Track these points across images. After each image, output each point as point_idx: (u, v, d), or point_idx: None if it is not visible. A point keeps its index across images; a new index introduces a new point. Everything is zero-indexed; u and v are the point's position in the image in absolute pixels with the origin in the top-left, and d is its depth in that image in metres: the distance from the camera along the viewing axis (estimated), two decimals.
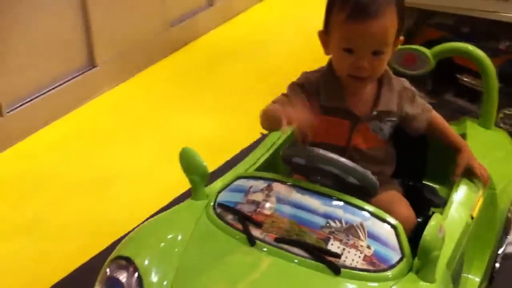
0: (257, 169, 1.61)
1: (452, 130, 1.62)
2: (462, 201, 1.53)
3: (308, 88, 1.49)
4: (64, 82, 2.85)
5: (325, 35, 1.45)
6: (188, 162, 1.47)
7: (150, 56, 3.26)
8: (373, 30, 1.35)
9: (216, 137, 2.69)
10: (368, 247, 1.29)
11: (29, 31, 2.64)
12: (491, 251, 1.68)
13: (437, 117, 1.60)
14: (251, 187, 1.42)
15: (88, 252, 2.03)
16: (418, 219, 1.51)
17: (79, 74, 2.92)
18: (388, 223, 1.32)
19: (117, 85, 3.08)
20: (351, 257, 1.27)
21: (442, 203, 1.63)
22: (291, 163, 1.46)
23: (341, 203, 1.35)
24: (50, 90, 2.79)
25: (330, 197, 1.36)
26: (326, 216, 1.33)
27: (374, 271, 1.26)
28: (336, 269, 1.25)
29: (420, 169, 1.78)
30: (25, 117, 2.68)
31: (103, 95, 3.00)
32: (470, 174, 1.58)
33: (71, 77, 2.88)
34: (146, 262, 1.31)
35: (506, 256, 1.89)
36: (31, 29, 2.65)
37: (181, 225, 1.40)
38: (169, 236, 1.38)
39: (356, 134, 1.48)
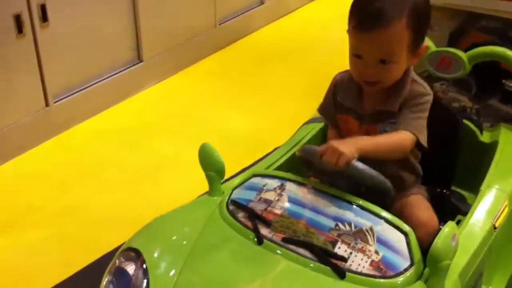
0: (278, 168, 1.61)
1: (385, 138, 1.42)
2: (485, 209, 1.48)
3: (335, 87, 1.55)
4: (111, 76, 2.91)
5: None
6: (206, 158, 1.48)
7: (197, 52, 3.29)
8: (378, 40, 1.36)
9: (256, 133, 2.70)
10: (376, 252, 1.26)
11: (78, 24, 2.71)
12: None
13: (406, 133, 1.41)
14: (265, 185, 1.42)
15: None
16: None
17: (126, 68, 2.97)
18: (399, 229, 1.29)
19: (162, 80, 3.12)
20: (358, 262, 1.25)
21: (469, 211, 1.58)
22: (306, 163, 1.45)
23: (353, 206, 1.33)
24: (96, 82, 2.85)
25: (342, 200, 1.34)
26: (336, 218, 1.31)
27: (381, 277, 1.23)
28: (341, 273, 1.23)
29: (448, 175, 1.73)
30: (71, 107, 2.75)
31: (148, 90, 3.05)
32: None
33: (117, 71, 2.94)
34: (155, 254, 1.33)
35: None
36: (80, 22, 2.72)
37: (194, 220, 1.41)
38: (180, 231, 1.39)
39: (365, 135, 1.46)
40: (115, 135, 2.74)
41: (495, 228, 1.46)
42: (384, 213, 1.31)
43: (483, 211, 1.47)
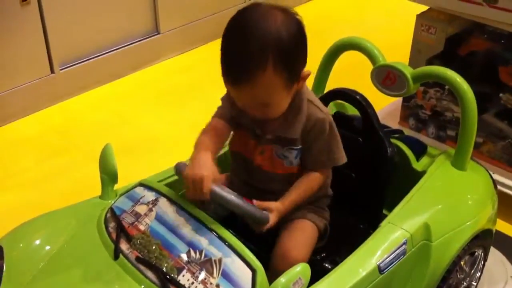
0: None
1: (299, 193, 1.41)
2: (372, 248, 1.37)
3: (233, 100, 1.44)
4: (122, 47, 2.93)
5: None
6: (103, 160, 1.49)
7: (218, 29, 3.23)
8: (247, 92, 1.29)
9: None
10: (218, 286, 1.21)
11: None
12: None
13: (314, 175, 1.42)
14: (142, 197, 1.39)
15: None
16: None
17: (141, 40, 2.99)
18: (248, 264, 1.23)
19: (177, 55, 3.11)
20: None
21: None
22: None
23: (210, 234, 1.27)
24: (108, 52, 2.89)
25: (203, 225, 1.29)
26: (190, 244, 1.27)
27: None
28: None
29: (378, 201, 1.62)
30: (78, 76, 2.81)
31: (160, 64, 3.05)
32: None
33: (129, 42, 2.96)
34: (15, 254, 1.35)
35: None
36: None
37: (68, 224, 1.42)
38: (50, 234, 1.40)
39: (261, 156, 1.41)
40: (118, 105, 2.78)
41: (381, 270, 1.36)
42: (238, 245, 1.25)
43: (369, 250, 1.37)
